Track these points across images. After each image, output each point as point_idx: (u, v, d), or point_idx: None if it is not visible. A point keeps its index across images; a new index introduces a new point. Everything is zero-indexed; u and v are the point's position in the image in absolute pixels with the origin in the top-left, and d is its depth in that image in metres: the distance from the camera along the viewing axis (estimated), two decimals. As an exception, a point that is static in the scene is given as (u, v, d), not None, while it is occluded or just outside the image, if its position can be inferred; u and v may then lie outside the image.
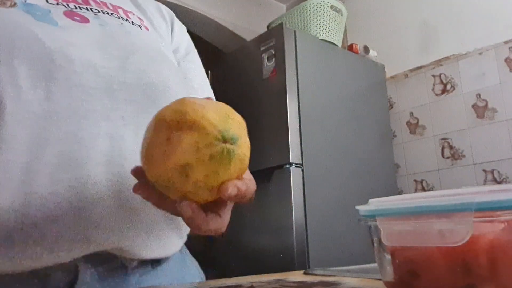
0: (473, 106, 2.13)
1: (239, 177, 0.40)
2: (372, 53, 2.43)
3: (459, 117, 2.17)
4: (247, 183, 0.41)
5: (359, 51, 2.39)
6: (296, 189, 1.81)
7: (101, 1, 0.61)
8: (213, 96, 0.67)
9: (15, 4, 0.50)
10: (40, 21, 0.49)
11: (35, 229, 0.44)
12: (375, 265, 0.36)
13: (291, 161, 1.82)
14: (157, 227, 0.54)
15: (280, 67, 1.93)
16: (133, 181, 0.43)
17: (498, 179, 2.01)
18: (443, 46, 2.27)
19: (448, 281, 0.29)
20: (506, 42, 2.05)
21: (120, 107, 0.51)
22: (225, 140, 0.36)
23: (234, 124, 0.37)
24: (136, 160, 0.43)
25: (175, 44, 0.71)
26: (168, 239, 0.56)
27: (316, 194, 1.87)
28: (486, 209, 0.27)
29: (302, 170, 1.85)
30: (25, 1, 0.51)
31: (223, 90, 2.19)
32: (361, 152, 2.13)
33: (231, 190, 0.37)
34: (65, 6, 0.55)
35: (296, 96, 1.92)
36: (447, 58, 2.25)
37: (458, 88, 2.20)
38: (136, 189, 0.41)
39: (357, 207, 0.36)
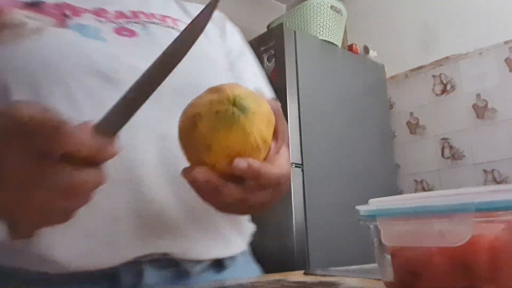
0: (473, 106, 2.13)
1: (246, 154, 0.39)
2: (372, 53, 2.43)
3: (459, 117, 2.17)
4: (268, 167, 0.40)
5: (359, 51, 2.39)
6: (296, 189, 1.81)
7: (150, 13, 0.63)
8: (271, 95, 0.69)
9: (67, 26, 0.54)
10: (90, 38, 0.53)
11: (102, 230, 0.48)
12: (375, 265, 0.36)
13: (291, 161, 1.82)
14: (218, 226, 0.56)
15: (280, 67, 1.93)
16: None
17: (498, 179, 2.01)
18: (443, 46, 2.27)
19: (448, 281, 0.29)
20: (506, 42, 2.05)
21: (172, 109, 0.51)
22: (235, 104, 0.38)
23: (254, 103, 0.39)
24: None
25: (228, 47, 0.71)
26: (230, 238, 0.58)
27: (316, 194, 1.87)
28: (486, 209, 0.27)
29: (302, 170, 1.85)
30: (78, 23, 0.55)
31: (223, 90, 2.19)
32: (361, 152, 2.13)
33: (241, 162, 0.38)
34: (115, 23, 0.58)
35: (296, 96, 1.92)
36: (447, 58, 2.25)
37: (458, 88, 2.20)
38: (183, 173, 0.41)
39: (357, 207, 0.36)
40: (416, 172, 2.32)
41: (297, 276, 0.53)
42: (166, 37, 0.58)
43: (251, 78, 0.69)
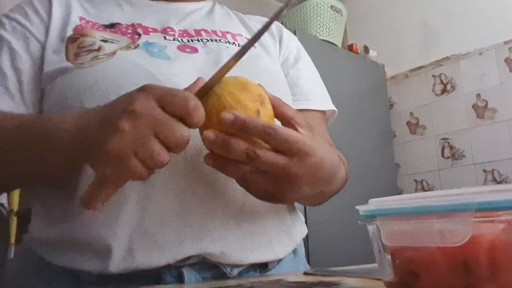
0: (473, 106, 2.13)
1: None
2: (372, 53, 2.43)
3: (459, 117, 2.17)
4: (261, 122, 0.43)
5: (359, 51, 2.39)
6: (296, 189, 1.80)
7: (211, 30, 0.68)
8: (328, 105, 0.75)
9: (138, 46, 0.59)
10: (155, 57, 0.58)
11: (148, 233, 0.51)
12: (375, 265, 0.36)
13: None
14: (264, 229, 0.57)
15: (280, 67, 1.93)
16: (234, 183, 0.50)
17: (498, 179, 2.01)
18: (443, 46, 2.27)
19: (448, 281, 0.29)
20: (506, 42, 2.05)
21: None
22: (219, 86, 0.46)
23: (232, 79, 0.47)
24: None
25: (283, 56, 0.75)
26: (276, 242, 0.58)
27: (316, 194, 1.87)
28: (486, 209, 0.27)
29: (302, 170, 1.85)
30: (146, 41, 0.61)
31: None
32: (361, 152, 2.13)
33: (227, 114, 0.42)
34: (179, 41, 0.63)
35: (296, 96, 1.92)
36: (447, 58, 2.25)
37: (458, 88, 2.20)
38: (206, 159, 0.46)
39: (357, 207, 0.36)
40: (416, 172, 2.32)
41: (297, 276, 0.53)
42: (223, 52, 0.63)
43: (305, 85, 0.73)
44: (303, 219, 0.70)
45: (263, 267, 0.58)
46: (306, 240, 1.78)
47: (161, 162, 0.40)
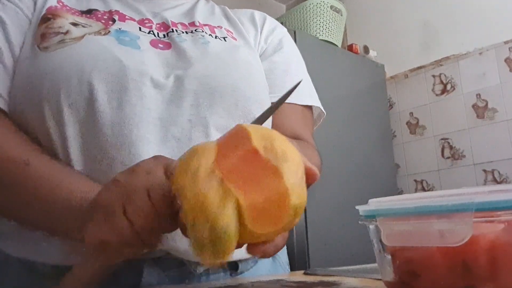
0: (473, 106, 2.13)
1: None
2: (372, 53, 2.43)
3: (459, 117, 2.17)
4: None
5: (359, 51, 2.38)
6: (296, 189, 1.80)
7: (189, 23, 0.67)
8: (306, 99, 0.72)
9: (109, 32, 0.58)
10: (124, 45, 0.57)
11: None
12: (375, 265, 0.36)
13: (291, 161, 1.82)
14: None
15: (280, 67, 1.92)
16: None
17: (498, 179, 2.01)
18: (443, 46, 2.27)
19: (448, 281, 0.29)
20: (506, 42, 2.05)
21: (185, 112, 0.55)
22: None
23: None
24: None
25: (261, 47, 0.73)
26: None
27: (316, 194, 1.87)
28: (486, 209, 0.27)
29: (302, 170, 1.85)
30: (119, 29, 0.60)
31: (223, 90, 2.19)
32: (361, 152, 2.12)
33: (317, 174, 0.38)
34: (154, 35, 0.62)
35: (296, 96, 1.92)
36: (447, 58, 2.25)
37: (458, 88, 2.20)
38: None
39: (357, 207, 0.36)
40: (416, 172, 2.32)
41: (297, 276, 0.53)
42: (194, 44, 0.62)
43: (276, 78, 0.70)
44: None
45: (233, 268, 0.57)
46: (306, 240, 1.78)
47: (145, 216, 0.36)
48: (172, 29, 0.64)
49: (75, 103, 0.52)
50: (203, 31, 0.66)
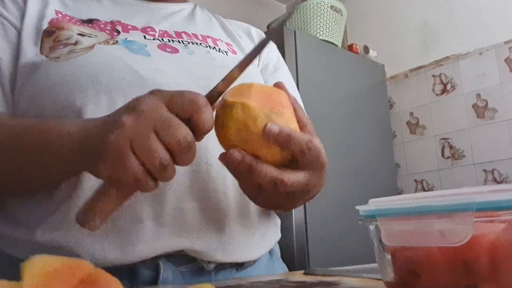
0: (473, 106, 2.13)
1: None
2: (372, 53, 2.43)
3: (459, 117, 2.17)
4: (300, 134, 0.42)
5: (359, 51, 2.38)
6: (296, 189, 1.80)
7: (192, 34, 0.68)
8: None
9: (117, 41, 0.59)
10: (135, 53, 0.57)
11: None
12: (375, 265, 0.36)
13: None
14: (238, 231, 0.58)
15: (280, 67, 1.92)
16: (216, 185, 0.53)
17: (498, 179, 2.01)
18: (443, 46, 2.27)
19: (448, 281, 0.29)
20: (506, 42, 2.05)
21: None
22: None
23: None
24: (220, 166, 0.46)
25: (262, 63, 0.75)
26: (252, 244, 0.60)
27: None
28: (487, 209, 0.27)
29: (302, 170, 1.85)
30: (126, 39, 0.60)
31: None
32: (361, 152, 2.12)
33: (274, 127, 0.40)
34: (160, 41, 0.63)
35: (296, 96, 1.92)
36: (447, 58, 2.25)
37: (458, 88, 2.20)
38: (220, 158, 0.43)
39: (357, 207, 0.36)
40: (416, 172, 2.32)
41: (297, 276, 0.53)
42: (204, 56, 0.63)
43: None
44: (279, 223, 0.72)
45: (239, 265, 0.60)
46: (306, 239, 1.78)
47: (161, 162, 0.37)
48: (178, 40, 0.65)
49: (92, 112, 0.51)
50: (207, 45, 0.67)
